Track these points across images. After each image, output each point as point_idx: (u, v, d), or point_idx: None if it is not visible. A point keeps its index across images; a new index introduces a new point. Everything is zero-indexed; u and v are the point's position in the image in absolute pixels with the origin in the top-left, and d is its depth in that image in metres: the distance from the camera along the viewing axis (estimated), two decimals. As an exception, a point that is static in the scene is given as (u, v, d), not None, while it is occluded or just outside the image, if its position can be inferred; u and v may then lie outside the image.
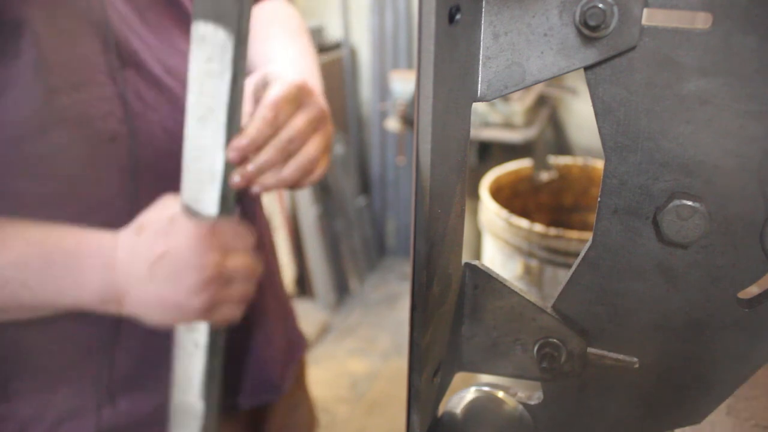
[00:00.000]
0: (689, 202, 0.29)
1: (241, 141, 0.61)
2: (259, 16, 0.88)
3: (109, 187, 0.69)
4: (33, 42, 0.61)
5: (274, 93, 0.64)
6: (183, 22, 0.77)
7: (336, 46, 2.81)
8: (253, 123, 0.63)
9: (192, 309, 0.62)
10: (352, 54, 2.87)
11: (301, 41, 0.88)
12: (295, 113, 0.66)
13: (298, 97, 0.66)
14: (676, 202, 0.29)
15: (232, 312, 0.66)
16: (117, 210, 0.70)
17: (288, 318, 0.98)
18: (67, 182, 0.67)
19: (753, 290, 0.31)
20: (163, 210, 0.64)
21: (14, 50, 0.61)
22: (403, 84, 2.24)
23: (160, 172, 0.72)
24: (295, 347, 0.98)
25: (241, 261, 0.64)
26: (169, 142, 0.72)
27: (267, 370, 0.88)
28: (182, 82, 0.72)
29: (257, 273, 0.66)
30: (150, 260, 0.61)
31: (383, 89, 2.76)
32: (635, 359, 0.35)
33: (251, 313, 0.85)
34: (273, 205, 2.62)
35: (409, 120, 2.19)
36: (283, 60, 0.82)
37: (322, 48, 2.69)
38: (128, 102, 0.69)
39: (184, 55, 0.73)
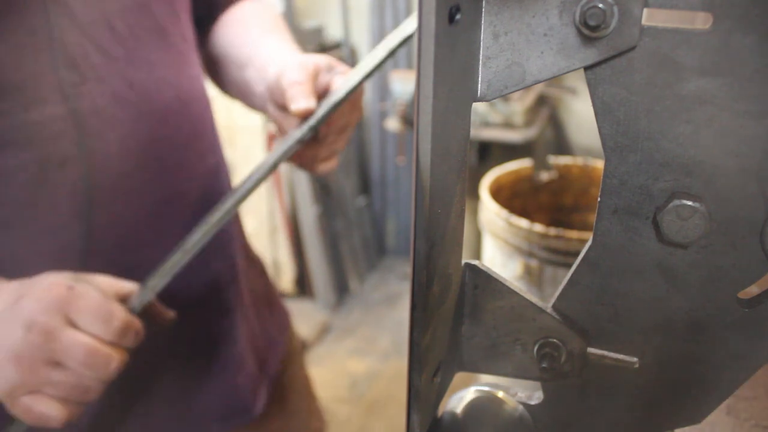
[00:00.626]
0: (689, 202, 0.29)
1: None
2: (241, 13, 0.87)
3: (61, 210, 0.66)
4: None
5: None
6: (155, 31, 0.73)
7: (336, 46, 2.81)
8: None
9: None
10: (352, 54, 2.87)
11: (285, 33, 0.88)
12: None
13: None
14: (676, 202, 0.29)
15: (46, 408, 0.52)
16: (70, 233, 0.66)
17: (263, 332, 0.92)
18: (15, 206, 0.63)
19: (753, 290, 0.31)
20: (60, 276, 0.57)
21: None
22: (403, 84, 2.24)
23: (117, 193, 0.69)
24: (269, 361, 0.92)
25: (84, 342, 0.52)
26: (127, 161, 0.70)
27: (237, 394, 0.84)
28: (146, 96, 0.71)
29: (107, 369, 0.53)
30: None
31: (383, 89, 2.76)
32: (635, 359, 0.35)
33: (217, 337, 0.83)
34: (273, 205, 2.62)
35: (409, 120, 2.19)
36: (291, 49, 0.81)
37: (322, 48, 2.69)
38: (83, 121, 0.65)
39: (152, 67, 0.72)
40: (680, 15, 0.27)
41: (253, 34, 0.85)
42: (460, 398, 0.39)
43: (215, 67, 0.89)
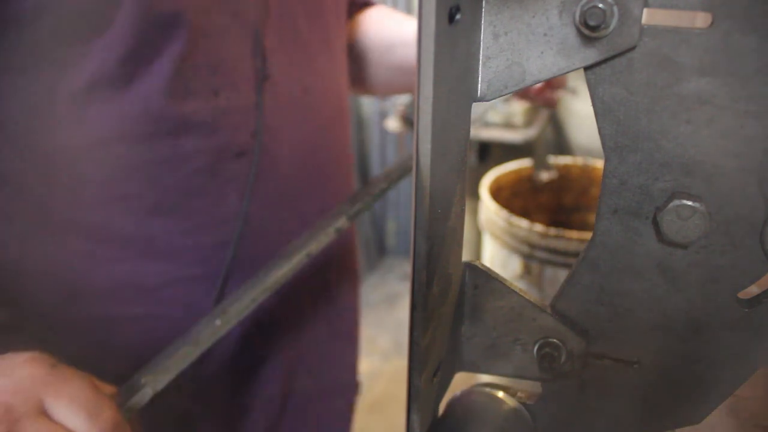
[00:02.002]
0: (689, 202, 0.29)
1: None
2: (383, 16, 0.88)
3: (225, 205, 0.64)
4: (183, 37, 0.56)
5: None
6: (325, 41, 0.72)
7: (336, 46, 2.81)
8: None
9: None
10: (352, 54, 2.86)
11: None
12: None
13: None
14: (676, 202, 0.29)
15: None
16: (226, 232, 0.64)
17: None
18: (182, 194, 0.62)
19: (753, 290, 0.31)
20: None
21: (161, 45, 0.56)
22: (403, 84, 2.23)
23: (278, 197, 0.68)
24: None
25: None
26: (293, 164, 0.68)
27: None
28: (316, 103, 0.70)
29: None
30: None
31: (383, 89, 2.76)
32: (635, 359, 0.35)
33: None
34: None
35: (409, 120, 2.19)
36: None
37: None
38: (263, 116, 0.64)
39: (322, 75, 0.71)
40: (680, 15, 0.27)
41: (390, 21, 0.85)
42: (460, 398, 0.39)
43: (352, 62, 0.87)
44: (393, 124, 2.28)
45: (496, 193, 1.81)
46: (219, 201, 0.63)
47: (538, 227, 1.49)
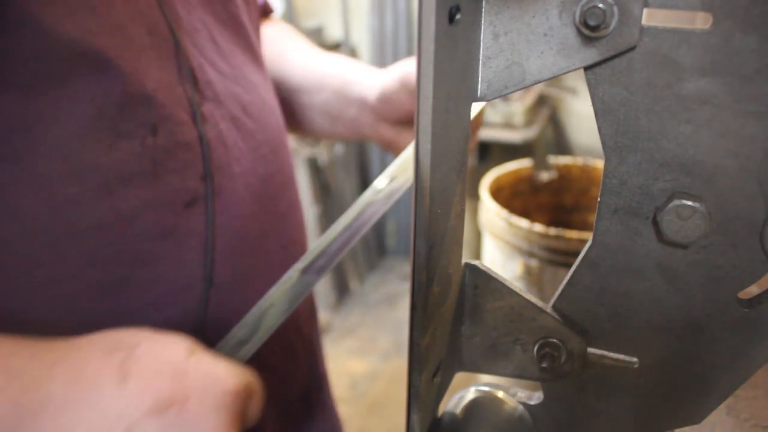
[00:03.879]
0: (689, 202, 0.29)
1: None
2: (277, 35, 0.78)
3: (184, 268, 0.52)
4: (101, 66, 0.45)
5: None
6: (248, 50, 0.62)
7: (336, 46, 2.81)
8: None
9: None
10: (352, 54, 2.87)
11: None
12: None
13: None
14: (676, 202, 0.29)
15: None
16: (190, 298, 0.52)
17: None
18: (125, 266, 0.49)
19: (753, 290, 0.31)
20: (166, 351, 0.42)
21: (73, 79, 0.44)
22: (403, 84, 2.23)
23: (239, 242, 0.56)
24: None
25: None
26: (250, 201, 0.57)
27: None
28: (259, 122, 0.59)
29: None
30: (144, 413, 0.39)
31: (383, 89, 2.76)
32: (635, 359, 0.35)
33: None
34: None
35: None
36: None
37: (322, 48, 2.69)
38: (209, 150, 0.52)
39: (256, 89, 0.61)
40: (680, 15, 0.27)
41: (302, 57, 0.75)
42: (460, 398, 0.39)
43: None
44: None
45: (496, 193, 1.81)
46: (175, 266, 0.51)
47: (538, 227, 1.49)
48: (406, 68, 0.62)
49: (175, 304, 0.52)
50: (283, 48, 0.77)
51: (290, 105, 0.76)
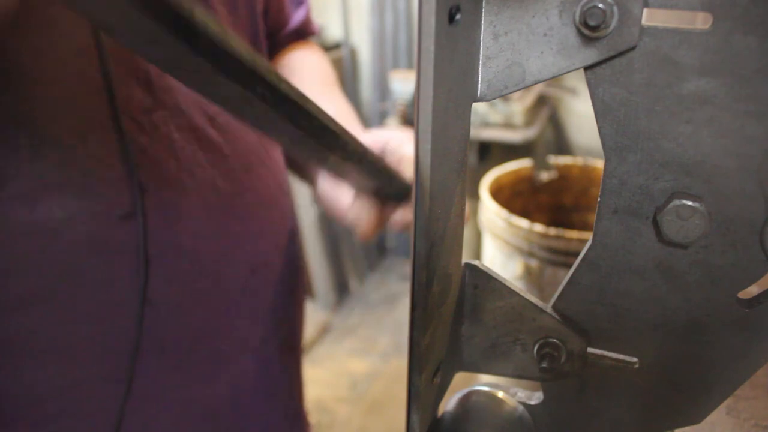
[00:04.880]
0: (689, 202, 0.29)
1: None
2: (296, 68, 0.72)
3: (114, 284, 0.49)
4: (25, 79, 0.43)
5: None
6: None
7: (336, 46, 2.81)
8: None
9: None
10: (352, 54, 2.87)
11: (338, 94, 0.72)
12: None
13: None
14: (676, 202, 0.29)
15: None
16: (124, 314, 0.50)
17: None
18: (55, 278, 0.47)
19: (753, 290, 0.31)
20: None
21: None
22: (403, 84, 2.24)
23: (189, 266, 0.53)
24: None
25: None
26: (207, 222, 0.53)
27: None
28: (229, 134, 0.55)
29: None
30: None
31: (383, 89, 2.76)
32: (635, 359, 0.35)
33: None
34: (273, 205, 2.61)
35: (409, 120, 2.19)
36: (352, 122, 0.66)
37: (322, 48, 2.69)
38: (151, 160, 0.48)
39: None
40: (680, 15, 0.27)
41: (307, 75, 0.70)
42: (460, 398, 0.39)
43: None
44: (393, 124, 2.28)
45: (496, 193, 1.81)
46: (106, 281, 0.49)
47: (538, 227, 1.49)
48: (379, 138, 0.56)
49: (106, 320, 0.49)
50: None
51: None
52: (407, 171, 0.52)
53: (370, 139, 0.57)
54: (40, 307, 0.47)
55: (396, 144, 0.55)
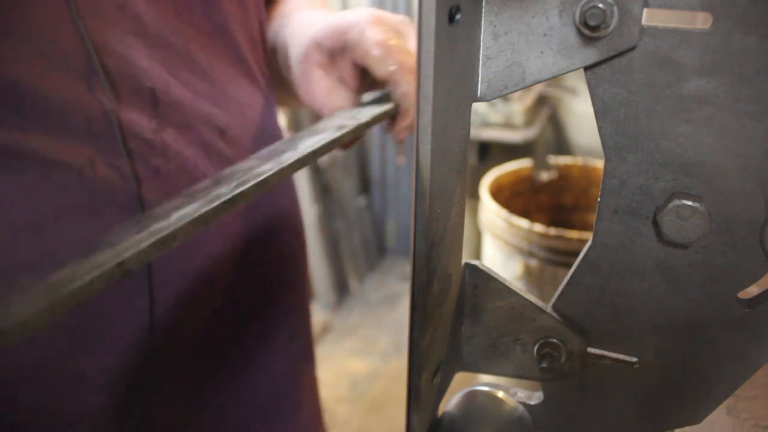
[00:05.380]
0: (689, 202, 0.29)
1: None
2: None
3: (122, 314, 0.48)
4: (26, 106, 0.41)
5: (377, 40, 0.48)
6: (237, 62, 0.55)
7: (336, 46, 2.80)
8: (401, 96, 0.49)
9: None
10: (352, 54, 2.86)
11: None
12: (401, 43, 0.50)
13: (388, 27, 0.50)
14: (676, 202, 0.29)
15: None
16: (134, 343, 0.49)
17: None
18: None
19: (753, 290, 0.31)
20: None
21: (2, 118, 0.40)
22: (403, 84, 2.23)
23: (200, 292, 0.51)
24: None
25: None
26: (222, 253, 0.52)
27: None
28: (241, 150, 0.53)
29: None
30: None
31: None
32: (635, 359, 0.35)
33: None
34: (273, 205, 2.61)
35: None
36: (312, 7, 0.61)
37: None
38: (164, 181, 0.47)
39: (242, 109, 0.54)
40: (680, 15, 0.27)
41: (296, 3, 0.64)
42: (460, 398, 0.39)
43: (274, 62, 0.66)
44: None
45: (496, 193, 1.81)
46: (116, 311, 0.48)
47: (538, 227, 1.49)
48: (382, 15, 0.51)
49: (118, 348, 0.48)
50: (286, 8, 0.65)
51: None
52: (375, 62, 0.48)
53: (329, 29, 0.51)
54: (45, 339, 0.45)
55: (357, 34, 0.50)
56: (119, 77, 0.45)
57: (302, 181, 2.56)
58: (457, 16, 0.26)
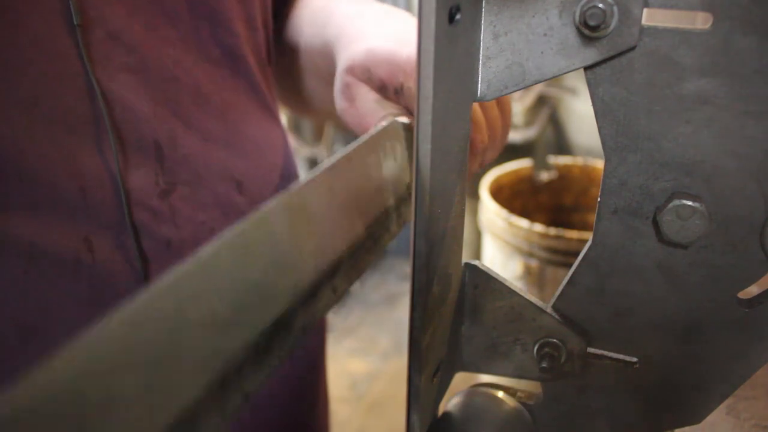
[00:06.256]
0: (689, 202, 0.29)
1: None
2: None
3: None
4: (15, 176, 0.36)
5: None
6: (251, 89, 0.48)
7: (336, 46, 2.80)
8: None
9: None
10: (352, 54, 2.86)
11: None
12: None
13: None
14: (676, 202, 0.29)
15: None
16: None
17: None
18: None
19: (753, 290, 0.31)
20: None
21: None
22: (403, 84, 2.23)
23: None
24: None
25: None
26: None
27: None
28: (258, 202, 0.46)
29: None
30: None
31: (383, 89, 2.75)
32: (635, 359, 0.35)
33: None
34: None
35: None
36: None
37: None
38: (169, 256, 0.41)
39: (260, 152, 0.48)
40: (680, 15, 0.27)
41: (339, 6, 0.52)
42: (460, 398, 0.39)
43: (284, 71, 0.57)
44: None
45: (496, 193, 1.81)
46: None
47: (538, 227, 1.49)
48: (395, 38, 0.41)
49: None
50: (322, 7, 0.54)
51: (307, 65, 0.55)
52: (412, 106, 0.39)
53: (385, 58, 0.40)
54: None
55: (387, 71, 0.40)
56: (124, 131, 0.39)
57: (302, 181, 2.56)
58: (457, 16, 0.26)
